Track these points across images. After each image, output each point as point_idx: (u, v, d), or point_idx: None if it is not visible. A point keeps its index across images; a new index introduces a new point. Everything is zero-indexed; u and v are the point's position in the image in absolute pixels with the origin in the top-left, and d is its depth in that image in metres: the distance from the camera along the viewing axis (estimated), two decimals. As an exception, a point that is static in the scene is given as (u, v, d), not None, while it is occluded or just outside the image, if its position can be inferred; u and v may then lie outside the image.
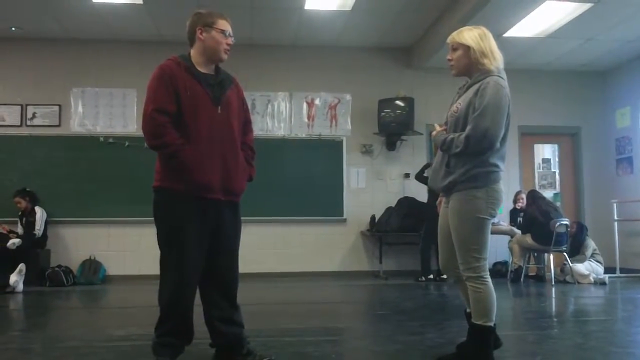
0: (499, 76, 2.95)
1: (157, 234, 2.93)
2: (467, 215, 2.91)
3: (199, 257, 2.91)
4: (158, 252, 2.93)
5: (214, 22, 2.95)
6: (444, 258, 3.18)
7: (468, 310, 3.11)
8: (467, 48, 2.97)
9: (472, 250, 2.91)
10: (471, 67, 3.00)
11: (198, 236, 2.88)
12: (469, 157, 2.90)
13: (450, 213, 2.98)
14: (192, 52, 2.98)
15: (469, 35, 2.99)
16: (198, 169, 2.84)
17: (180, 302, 2.89)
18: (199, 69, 2.94)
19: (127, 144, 8.31)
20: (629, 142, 8.92)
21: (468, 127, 2.88)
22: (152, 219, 2.94)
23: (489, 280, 2.95)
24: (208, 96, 2.90)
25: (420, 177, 8.10)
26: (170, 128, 2.81)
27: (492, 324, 2.93)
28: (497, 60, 2.95)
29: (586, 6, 6.72)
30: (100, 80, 8.58)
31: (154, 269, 3.02)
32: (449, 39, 3.07)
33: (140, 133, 2.91)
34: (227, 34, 2.97)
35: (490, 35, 3.01)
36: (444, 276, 7.80)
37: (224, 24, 2.97)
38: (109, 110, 8.56)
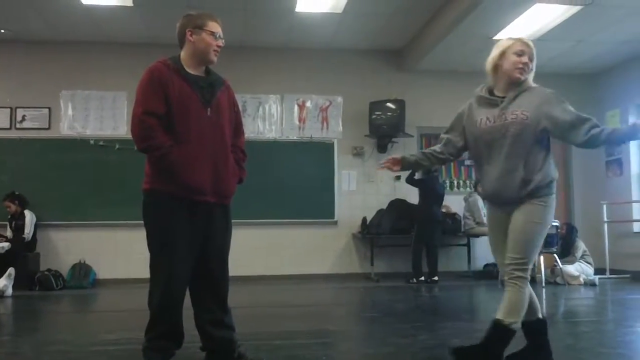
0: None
1: (147, 237, 2.92)
2: (538, 222, 2.92)
3: (189, 260, 2.90)
4: (148, 255, 2.92)
5: (204, 24, 2.94)
6: (502, 263, 3.10)
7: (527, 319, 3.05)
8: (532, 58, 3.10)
9: (533, 253, 2.95)
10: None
11: (188, 239, 2.87)
12: (545, 164, 2.96)
13: (521, 217, 2.92)
14: (182, 54, 2.97)
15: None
16: (188, 171, 2.83)
17: (170, 305, 2.87)
18: (189, 70, 2.92)
19: (117, 146, 8.26)
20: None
21: (582, 119, 2.98)
22: (142, 222, 2.92)
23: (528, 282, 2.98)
24: (198, 98, 2.89)
25: (412, 181, 8.11)
26: (160, 130, 2.80)
27: (518, 326, 2.96)
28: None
29: (576, 9, 6.76)
30: (90, 83, 8.53)
31: (145, 272, 3.00)
32: (530, 49, 3.16)
33: (130, 136, 2.90)
34: (217, 36, 2.96)
35: None
36: (435, 278, 7.82)
37: (214, 26, 2.96)
38: (99, 113, 8.52)
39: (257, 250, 8.42)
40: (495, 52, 3.11)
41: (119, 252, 8.19)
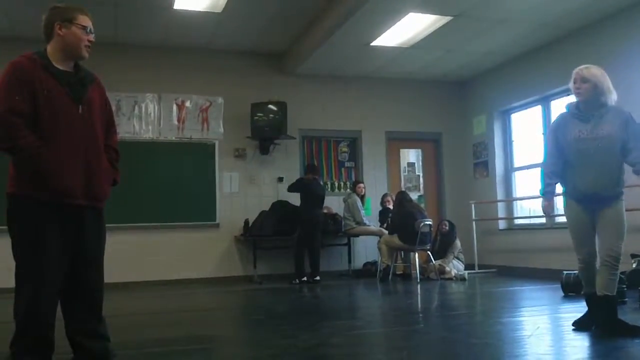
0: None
1: (12, 244, 2.73)
2: (622, 213, 3.71)
3: (59, 267, 2.74)
4: (13, 263, 2.71)
5: (74, 17, 2.80)
6: (590, 249, 3.78)
7: (593, 291, 3.77)
8: (594, 84, 3.72)
9: (622, 239, 3.70)
10: (594, 97, 3.74)
11: (58, 245, 2.71)
12: (621, 171, 3.73)
13: (614, 214, 3.70)
14: (49, 48, 2.79)
15: (595, 73, 3.76)
16: (57, 173, 2.67)
17: (38, 315, 2.70)
18: (56, 66, 2.76)
19: (-24, 147, 7.58)
20: (484, 147, 9.62)
21: (636, 152, 3.63)
22: (6, 228, 2.72)
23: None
24: (67, 95, 2.74)
25: (294, 189, 8.22)
26: (25, 130, 2.62)
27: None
28: (614, 93, 3.78)
29: (446, 19, 7.16)
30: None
31: (7, 282, 2.78)
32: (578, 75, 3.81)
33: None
34: (88, 30, 2.83)
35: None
36: (317, 278, 7.95)
37: (85, 20, 2.82)
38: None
39: (135, 255, 8.07)
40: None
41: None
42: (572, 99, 3.89)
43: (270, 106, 8.79)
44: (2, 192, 2.77)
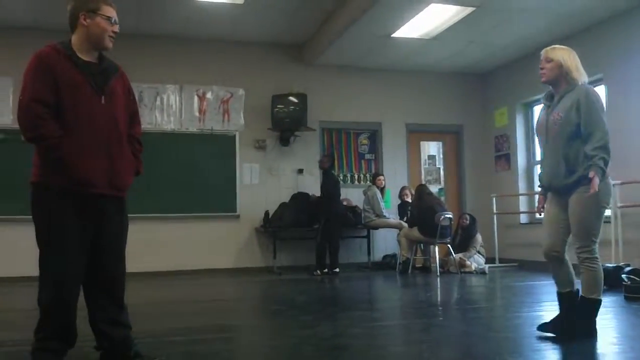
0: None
1: (36, 232, 2.76)
2: (591, 206, 3.31)
3: (81, 256, 2.77)
4: (36, 252, 2.76)
5: (98, 7, 2.81)
6: (550, 242, 3.50)
7: (562, 290, 3.54)
8: (559, 63, 3.41)
9: (592, 235, 3.35)
10: (560, 78, 3.43)
11: (79, 234, 2.74)
12: (581, 158, 3.30)
13: (575, 204, 3.34)
14: (74, 38, 2.81)
15: (561, 53, 3.45)
16: (78, 162, 2.69)
17: (61, 303, 2.73)
18: (80, 56, 2.78)
19: (1, 136, 7.72)
20: (506, 140, 9.53)
21: (593, 139, 3.25)
22: (30, 216, 2.76)
23: (599, 260, 3.41)
24: (90, 85, 2.76)
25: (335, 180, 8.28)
26: (49, 119, 2.65)
27: (601, 298, 3.42)
28: (583, 75, 3.45)
29: (468, 10, 7.08)
30: (-30, 68, 7.90)
31: (31, 270, 2.83)
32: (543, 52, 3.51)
33: (16, 125, 2.72)
34: (112, 21, 2.84)
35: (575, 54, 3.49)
36: (337, 270, 7.96)
37: (110, 10, 2.83)
38: (-19, 101, 7.90)
39: (155, 245, 8.16)
40: None
41: (4, 249, 7.65)
42: (597, 91, 3.63)
43: (291, 98, 8.80)
44: (27, 181, 2.80)
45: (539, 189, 3.71)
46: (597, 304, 3.42)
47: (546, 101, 3.58)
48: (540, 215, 3.84)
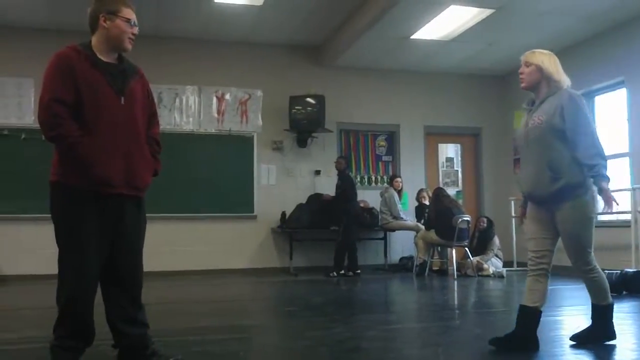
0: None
1: (55, 231, 2.79)
2: (582, 220, 3.19)
3: (100, 255, 2.79)
4: (56, 250, 2.79)
5: (118, 9, 2.83)
6: (536, 256, 3.35)
7: (530, 304, 3.39)
8: (538, 67, 3.33)
9: (587, 248, 3.25)
10: (541, 83, 3.34)
11: (98, 233, 2.76)
12: (565, 165, 3.15)
13: (565, 222, 3.20)
14: (94, 40, 2.84)
15: (540, 57, 3.39)
16: (98, 162, 2.72)
17: (79, 301, 2.76)
18: (100, 57, 2.81)
19: (23, 136, 7.83)
20: (525, 143, 9.42)
21: (585, 145, 3.12)
22: (49, 215, 2.79)
23: (598, 266, 3.31)
24: (110, 86, 2.78)
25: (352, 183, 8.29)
26: (69, 119, 2.68)
27: (611, 301, 3.37)
28: (565, 79, 3.33)
29: (488, 12, 7.04)
30: (-7, 69, 8.02)
31: (51, 268, 2.86)
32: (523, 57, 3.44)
33: (37, 125, 2.76)
34: (132, 23, 2.86)
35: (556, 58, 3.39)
36: (358, 271, 7.95)
37: (129, 12, 2.86)
38: (3, 101, 8.02)
39: (174, 245, 8.23)
40: None
41: (24, 247, 7.76)
42: (619, 94, 3.54)
43: (309, 99, 8.81)
44: (47, 180, 2.83)
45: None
46: (609, 308, 3.39)
47: (527, 106, 3.49)
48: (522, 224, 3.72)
